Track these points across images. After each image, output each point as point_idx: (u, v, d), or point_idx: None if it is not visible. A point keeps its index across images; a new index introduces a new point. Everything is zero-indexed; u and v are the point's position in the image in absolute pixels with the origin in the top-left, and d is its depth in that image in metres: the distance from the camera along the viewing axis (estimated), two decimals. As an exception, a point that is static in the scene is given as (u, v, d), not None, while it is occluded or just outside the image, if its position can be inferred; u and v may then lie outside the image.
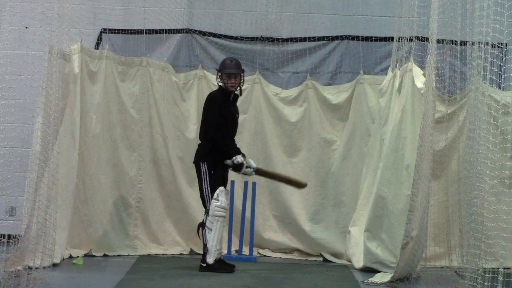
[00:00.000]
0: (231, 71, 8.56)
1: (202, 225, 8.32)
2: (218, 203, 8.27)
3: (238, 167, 8.45)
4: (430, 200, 8.06)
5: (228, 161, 8.41)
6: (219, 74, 8.60)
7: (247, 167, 8.49)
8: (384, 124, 9.10)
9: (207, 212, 8.29)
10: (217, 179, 8.38)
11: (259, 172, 8.72)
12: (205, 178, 8.36)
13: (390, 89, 9.16)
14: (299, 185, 9.04)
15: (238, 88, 8.62)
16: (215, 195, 8.28)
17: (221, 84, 8.59)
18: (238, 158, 8.41)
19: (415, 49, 8.61)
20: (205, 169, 8.37)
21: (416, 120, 8.31)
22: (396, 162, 8.67)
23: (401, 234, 7.85)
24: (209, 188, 8.33)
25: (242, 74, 8.65)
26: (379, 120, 9.35)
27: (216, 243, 8.27)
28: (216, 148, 8.41)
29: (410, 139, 8.52)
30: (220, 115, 8.45)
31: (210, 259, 8.26)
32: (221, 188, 8.34)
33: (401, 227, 8.06)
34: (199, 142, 8.63)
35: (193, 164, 8.56)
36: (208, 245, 8.25)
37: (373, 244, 8.77)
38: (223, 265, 8.37)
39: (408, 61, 8.72)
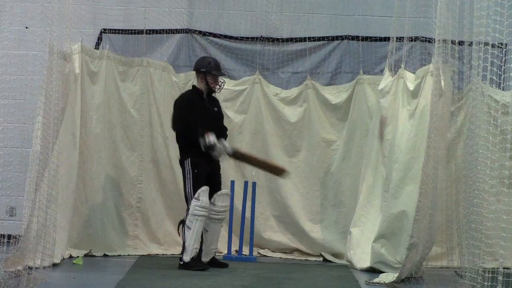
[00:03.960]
0: (217, 73, 8.66)
1: (182, 222, 8.35)
2: (199, 203, 8.26)
3: (210, 147, 8.31)
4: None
5: (201, 140, 8.31)
6: (201, 74, 8.63)
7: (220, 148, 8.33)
8: (388, 124, 9.07)
9: (187, 210, 8.30)
10: (200, 178, 8.37)
11: (236, 155, 8.58)
12: (188, 176, 8.37)
13: (393, 89, 9.14)
14: (278, 172, 8.81)
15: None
16: (196, 195, 8.28)
17: (201, 83, 8.63)
18: (211, 138, 8.30)
19: (429, 50, 8.56)
20: (188, 167, 8.37)
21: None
22: (411, 163, 8.61)
23: (407, 234, 7.85)
24: (191, 187, 8.33)
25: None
26: (376, 118, 9.33)
27: (194, 242, 8.27)
28: (196, 144, 8.37)
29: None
30: (194, 114, 8.44)
31: (186, 257, 8.27)
32: (204, 188, 8.32)
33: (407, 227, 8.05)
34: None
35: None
36: (186, 243, 8.26)
37: (377, 244, 8.73)
38: (198, 263, 8.35)
39: (430, 62, 8.61)
